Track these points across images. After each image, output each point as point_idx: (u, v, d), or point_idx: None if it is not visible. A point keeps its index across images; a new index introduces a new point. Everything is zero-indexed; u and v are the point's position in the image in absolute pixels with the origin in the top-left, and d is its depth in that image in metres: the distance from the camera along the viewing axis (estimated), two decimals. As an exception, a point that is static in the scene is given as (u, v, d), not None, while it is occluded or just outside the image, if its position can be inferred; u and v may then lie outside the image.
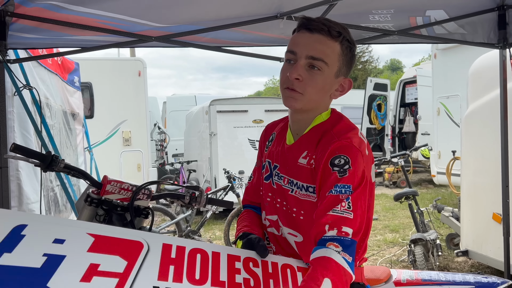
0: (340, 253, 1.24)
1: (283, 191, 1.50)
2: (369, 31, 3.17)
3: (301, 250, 1.48)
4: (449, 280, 1.80)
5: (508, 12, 3.04)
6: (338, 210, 1.29)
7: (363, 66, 39.20)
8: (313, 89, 1.39)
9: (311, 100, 1.42)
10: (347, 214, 1.29)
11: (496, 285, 1.78)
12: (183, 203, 2.09)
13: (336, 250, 1.24)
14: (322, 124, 1.47)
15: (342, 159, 1.33)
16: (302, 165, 1.44)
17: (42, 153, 1.95)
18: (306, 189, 1.43)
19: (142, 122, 9.30)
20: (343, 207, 1.29)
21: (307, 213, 1.43)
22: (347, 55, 1.43)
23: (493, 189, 3.86)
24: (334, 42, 1.39)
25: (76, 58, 5.54)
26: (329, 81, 1.42)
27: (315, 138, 1.45)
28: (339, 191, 1.31)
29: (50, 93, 3.96)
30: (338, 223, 1.27)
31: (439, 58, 9.09)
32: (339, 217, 1.28)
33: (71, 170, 1.99)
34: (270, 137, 1.66)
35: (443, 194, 9.99)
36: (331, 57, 1.39)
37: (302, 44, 1.39)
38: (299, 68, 1.38)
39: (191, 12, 2.68)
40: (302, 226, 1.46)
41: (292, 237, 1.49)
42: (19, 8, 2.44)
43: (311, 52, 1.37)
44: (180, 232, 6.10)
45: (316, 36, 1.38)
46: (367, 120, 13.60)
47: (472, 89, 4.60)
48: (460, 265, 5.30)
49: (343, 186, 1.31)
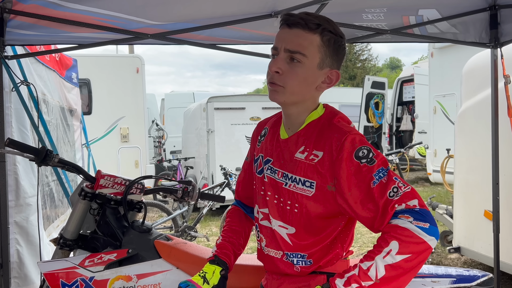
0: (413, 222, 1.27)
1: (276, 184, 1.53)
2: (362, 30, 3.21)
3: (294, 241, 1.51)
4: (431, 273, 1.84)
5: (499, 12, 3.08)
6: (392, 194, 1.32)
7: (362, 64, 39.21)
8: (294, 81, 1.42)
9: (293, 93, 1.44)
10: (403, 190, 1.32)
11: (476, 277, 1.83)
12: (176, 197, 2.14)
13: (408, 220, 1.27)
14: (318, 119, 1.50)
15: (364, 150, 1.37)
16: (300, 160, 1.46)
17: (36, 147, 1.99)
18: (303, 183, 1.45)
19: (140, 118, 9.35)
20: (400, 187, 1.32)
21: (301, 206, 1.47)
22: (330, 46, 1.44)
23: (485, 187, 3.91)
24: (312, 34, 1.41)
25: (75, 55, 5.57)
26: (311, 72, 1.44)
27: (312, 133, 1.47)
28: (380, 176, 1.34)
29: (48, 89, 3.99)
30: (401, 201, 1.31)
31: (436, 57, 9.14)
32: (399, 198, 1.31)
33: (65, 165, 2.04)
34: (262, 132, 1.68)
35: (439, 192, 10.04)
36: (310, 49, 1.41)
37: (282, 39, 1.43)
38: (279, 61, 1.42)
39: (186, 10, 2.72)
40: (295, 218, 1.49)
41: (284, 229, 1.52)
42: (17, 5, 2.48)
43: (288, 45, 1.41)
44: (177, 228, 6.15)
45: (294, 30, 1.41)
46: (365, 118, 13.63)
47: (465, 87, 4.65)
48: (453, 262, 5.36)
49: (380, 171, 1.35)
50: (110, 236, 2.02)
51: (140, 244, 1.99)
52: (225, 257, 1.60)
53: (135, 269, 1.93)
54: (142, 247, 1.99)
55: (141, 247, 1.99)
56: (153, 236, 2.05)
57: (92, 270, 1.91)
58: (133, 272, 1.92)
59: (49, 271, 1.93)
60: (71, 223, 2.08)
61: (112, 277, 1.91)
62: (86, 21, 2.68)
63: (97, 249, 2.05)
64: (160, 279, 1.92)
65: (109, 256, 1.94)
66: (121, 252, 1.95)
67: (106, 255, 1.95)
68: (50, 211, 3.89)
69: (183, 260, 1.98)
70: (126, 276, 1.91)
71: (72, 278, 1.90)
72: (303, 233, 1.48)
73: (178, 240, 2.10)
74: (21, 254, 3.07)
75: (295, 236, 1.50)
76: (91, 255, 1.97)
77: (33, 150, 1.97)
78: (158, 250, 1.99)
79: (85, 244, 2.08)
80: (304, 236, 1.49)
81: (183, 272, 1.94)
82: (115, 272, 1.92)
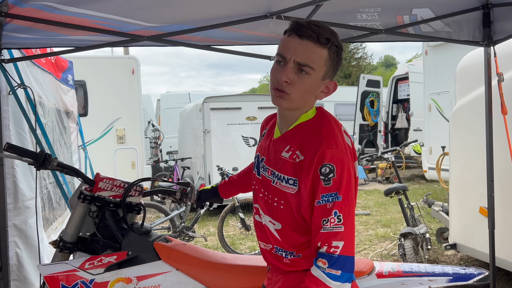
0: (326, 269, 1.40)
1: (266, 181, 1.61)
2: (357, 30, 3.24)
3: (282, 237, 1.58)
4: (428, 272, 1.87)
5: (492, 11, 3.11)
6: (328, 227, 1.42)
7: (357, 62, 39.23)
8: (300, 91, 1.48)
9: (297, 101, 1.51)
10: (337, 228, 1.41)
11: (473, 276, 1.86)
12: (174, 199, 2.15)
13: (322, 267, 1.40)
14: (306, 122, 1.56)
15: (327, 168, 1.42)
16: (285, 159, 1.53)
17: (35, 152, 2.00)
18: (286, 181, 1.52)
19: (136, 119, 9.34)
20: (332, 222, 1.41)
21: (286, 203, 1.54)
22: (334, 60, 1.50)
23: (480, 183, 3.95)
24: (322, 49, 1.46)
25: (70, 57, 5.57)
26: (315, 83, 1.50)
27: (298, 134, 1.54)
28: (325, 200, 1.43)
29: (44, 91, 4.00)
30: (329, 239, 1.41)
31: (430, 55, 9.18)
32: (329, 234, 1.41)
33: (64, 168, 2.05)
34: (264, 131, 1.77)
35: (435, 189, 10.10)
36: (318, 63, 1.46)
37: (291, 49, 1.47)
38: (289, 71, 1.46)
39: (182, 12, 2.74)
40: (282, 215, 1.57)
41: (272, 225, 1.60)
42: (13, 8, 2.48)
43: (298, 58, 1.45)
44: (174, 228, 6.16)
45: (305, 42, 1.45)
46: (360, 117, 13.70)
47: (459, 85, 4.69)
48: (449, 258, 5.40)
49: (329, 196, 1.42)
50: (110, 239, 2.04)
51: (139, 246, 2.01)
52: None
53: (135, 271, 1.95)
54: (142, 249, 2.01)
55: (140, 249, 2.00)
56: (153, 238, 2.07)
57: (92, 272, 1.92)
58: (133, 274, 1.94)
59: (50, 274, 1.94)
60: (71, 226, 2.09)
61: (112, 279, 1.93)
62: (83, 24, 2.69)
63: (96, 251, 2.06)
64: (160, 281, 1.94)
65: (109, 259, 1.95)
66: (121, 254, 1.97)
67: (106, 257, 1.96)
68: (49, 213, 3.90)
69: (183, 261, 2.00)
70: (126, 278, 1.93)
71: (72, 280, 1.91)
72: (289, 229, 1.56)
73: (178, 242, 2.12)
74: (20, 257, 3.07)
75: (282, 232, 1.58)
76: (91, 258, 1.98)
77: (32, 154, 1.98)
78: (158, 252, 2.00)
79: (85, 247, 2.09)
80: (290, 233, 1.56)
81: (182, 274, 1.96)
82: (115, 275, 1.93)
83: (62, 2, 2.37)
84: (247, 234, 6.35)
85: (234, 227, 7.18)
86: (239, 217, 6.05)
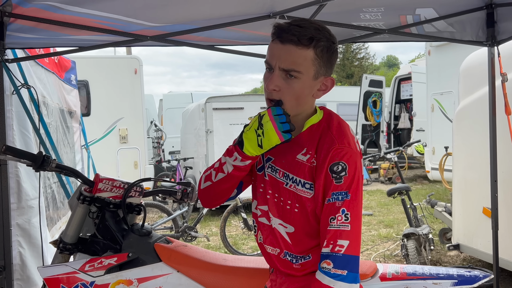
0: (331, 270, 1.38)
1: (277, 183, 1.55)
2: (360, 30, 3.23)
3: (293, 240, 1.54)
4: (432, 274, 1.84)
5: (496, 11, 3.10)
6: (334, 225, 1.40)
7: (359, 62, 39.17)
8: (291, 97, 1.45)
9: (292, 106, 1.47)
10: (343, 226, 1.40)
11: (478, 279, 1.83)
12: (175, 199, 2.14)
13: (327, 268, 1.38)
14: (319, 123, 1.53)
15: (340, 166, 1.41)
16: (301, 162, 1.49)
17: (33, 153, 1.97)
18: (303, 185, 1.49)
19: (138, 119, 9.34)
20: (339, 220, 1.40)
21: (302, 207, 1.50)
22: (324, 56, 1.45)
23: (483, 184, 3.93)
24: (306, 50, 1.41)
25: (73, 57, 5.58)
26: (307, 85, 1.46)
27: (315, 137, 1.50)
28: (335, 198, 1.41)
29: (47, 91, 4.00)
30: (334, 237, 1.39)
31: (433, 55, 9.16)
32: (335, 231, 1.40)
33: (63, 169, 2.03)
34: None
35: (437, 189, 10.07)
36: (304, 65, 1.42)
37: (275, 55, 1.44)
38: (275, 79, 1.44)
39: (185, 11, 2.73)
40: (296, 218, 1.52)
41: (283, 228, 1.55)
42: (17, 8, 2.48)
43: (282, 64, 1.42)
44: (177, 228, 6.17)
45: (287, 47, 1.41)
46: (363, 117, 13.68)
47: (463, 85, 4.67)
48: (452, 259, 5.38)
49: (339, 194, 1.41)
50: (110, 240, 2.03)
51: (140, 248, 2.00)
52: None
53: (135, 273, 1.93)
54: (142, 250, 1.99)
55: (141, 250, 1.99)
56: (153, 239, 2.05)
57: (92, 274, 1.91)
58: (133, 276, 1.92)
59: (50, 276, 1.93)
60: (71, 227, 2.08)
61: (113, 281, 1.92)
62: (86, 24, 2.69)
63: (97, 252, 2.05)
64: (161, 283, 1.93)
65: (110, 261, 1.94)
66: (122, 256, 1.95)
67: (106, 259, 1.95)
68: (53, 212, 3.91)
69: (184, 263, 1.98)
70: (127, 280, 1.92)
71: (72, 283, 1.90)
72: (302, 233, 1.52)
73: (178, 243, 2.10)
74: (24, 256, 3.08)
75: (294, 236, 1.53)
76: (91, 260, 1.97)
77: (30, 156, 1.95)
78: (159, 254, 1.99)
79: (85, 248, 2.08)
80: (303, 237, 1.52)
81: (183, 276, 1.95)
82: (116, 277, 1.92)
83: (66, 2, 2.37)
84: (250, 234, 6.35)
85: (237, 227, 7.18)
86: (241, 217, 6.05)
